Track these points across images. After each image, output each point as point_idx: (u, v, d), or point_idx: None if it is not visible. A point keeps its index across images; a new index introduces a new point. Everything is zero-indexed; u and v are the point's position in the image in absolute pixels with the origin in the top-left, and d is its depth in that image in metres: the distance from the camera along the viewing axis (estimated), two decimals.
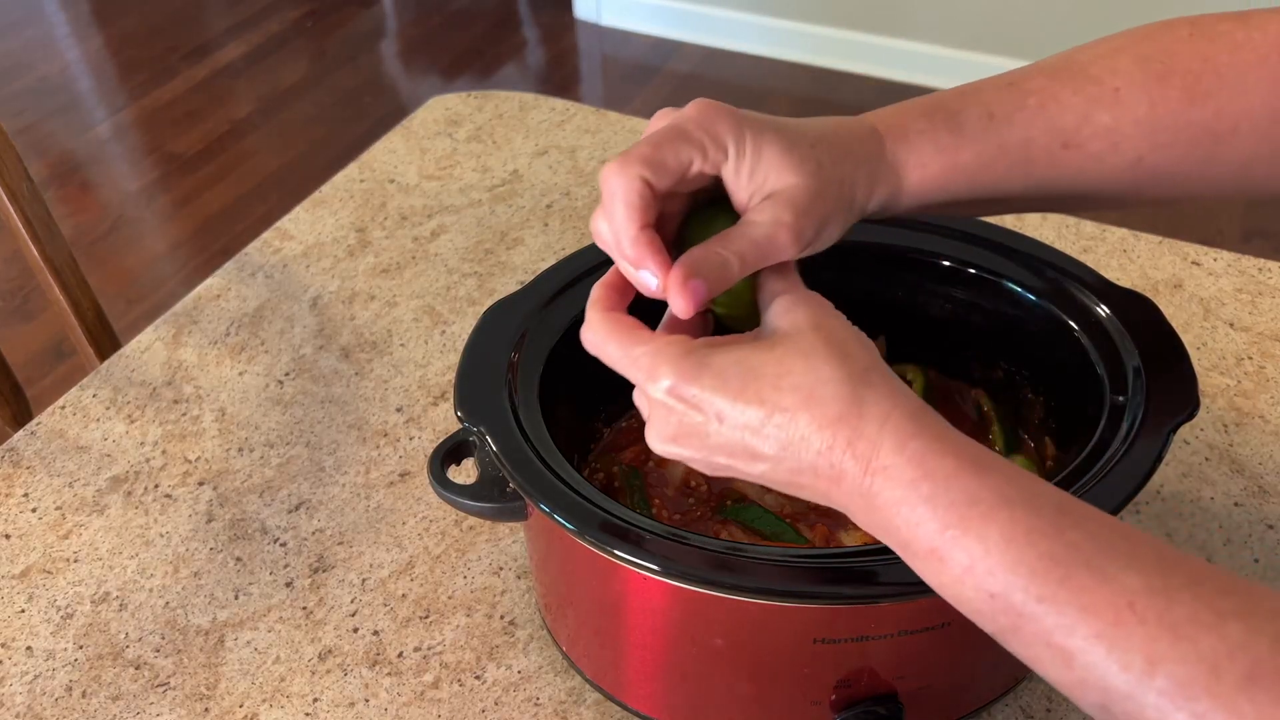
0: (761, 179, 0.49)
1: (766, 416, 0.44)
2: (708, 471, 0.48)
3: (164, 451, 0.82)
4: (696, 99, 0.50)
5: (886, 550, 0.53)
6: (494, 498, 0.58)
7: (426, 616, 0.70)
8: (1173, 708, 0.37)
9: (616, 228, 0.48)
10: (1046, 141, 0.53)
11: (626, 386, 0.74)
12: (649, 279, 0.48)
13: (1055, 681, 0.41)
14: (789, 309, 0.48)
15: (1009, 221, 0.98)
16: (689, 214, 0.52)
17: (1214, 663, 0.37)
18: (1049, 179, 0.54)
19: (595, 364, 0.70)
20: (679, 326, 0.51)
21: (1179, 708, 0.37)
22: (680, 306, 0.47)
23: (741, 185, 0.49)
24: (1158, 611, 0.38)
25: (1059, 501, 0.42)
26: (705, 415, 0.46)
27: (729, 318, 0.53)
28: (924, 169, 0.53)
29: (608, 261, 0.50)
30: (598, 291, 0.51)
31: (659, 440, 0.48)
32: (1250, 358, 0.86)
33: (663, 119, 0.50)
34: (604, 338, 0.49)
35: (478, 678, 0.67)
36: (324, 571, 0.73)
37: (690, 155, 0.48)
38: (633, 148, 0.48)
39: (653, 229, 0.48)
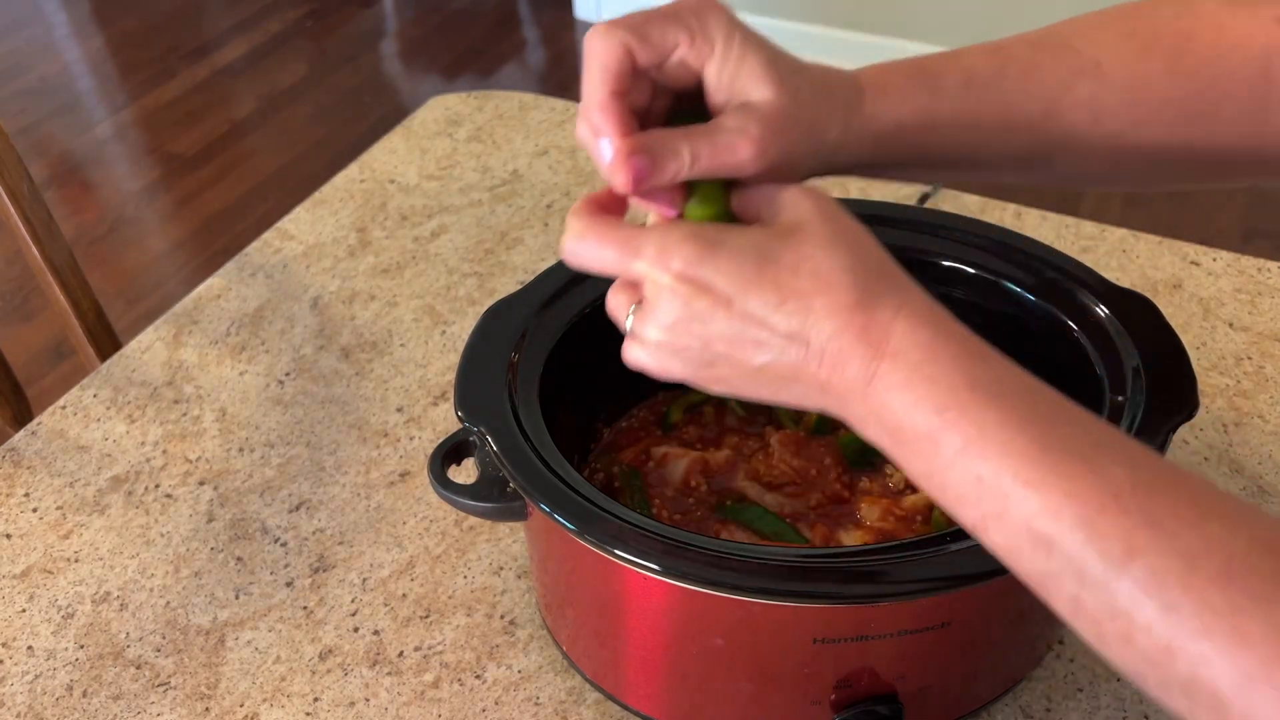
0: (740, 86, 0.48)
1: (780, 302, 0.44)
2: (693, 373, 0.47)
3: (164, 451, 0.82)
4: None
5: (886, 550, 0.53)
6: (494, 498, 0.58)
7: (427, 616, 0.70)
8: (1144, 596, 0.38)
9: (588, 92, 0.48)
10: (1027, 108, 0.53)
11: (627, 387, 0.74)
12: (605, 148, 0.47)
13: (1028, 574, 0.42)
14: (798, 201, 0.46)
15: (1009, 221, 0.98)
16: (667, 119, 0.51)
17: (1190, 556, 0.37)
18: (1028, 147, 0.54)
19: (595, 364, 0.70)
20: None
21: (1150, 596, 0.37)
22: (618, 180, 0.46)
23: (721, 86, 0.49)
24: (1140, 504, 0.39)
25: (1057, 399, 0.43)
26: (713, 299, 0.44)
27: None
28: (900, 123, 0.52)
29: None
30: (579, 205, 0.49)
31: (655, 327, 0.46)
32: (1250, 358, 0.86)
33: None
34: (597, 237, 0.47)
35: (478, 677, 0.67)
36: (324, 571, 0.73)
37: (677, 37, 0.48)
38: (622, 17, 0.48)
39: (624, 100, 0.47)
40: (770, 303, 0.44)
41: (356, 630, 0.70)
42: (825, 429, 0.71)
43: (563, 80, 2.96)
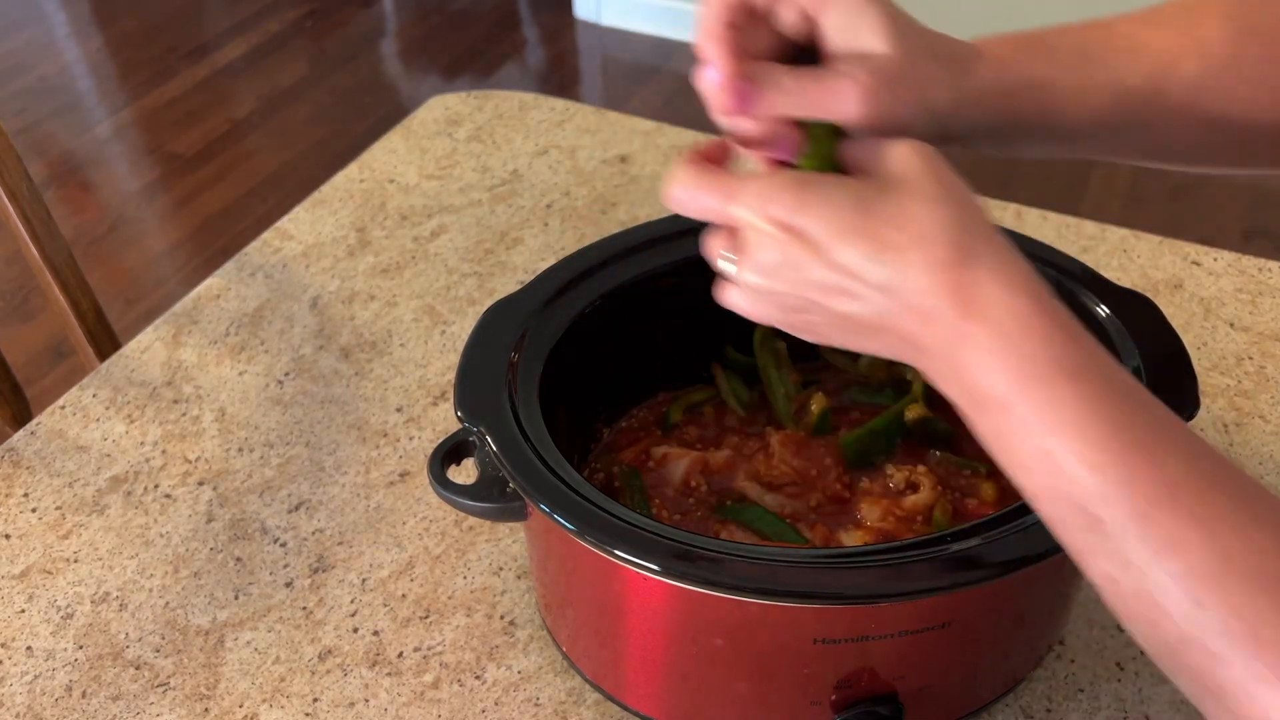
0: (855, 36, 0.49)
1: (875, 253, 0.44)
2: (783, 317, 0.48)
3: (164, 451, 0.82)
4: None
5: (886, 550, 0.53)
6: (494, 498, 0.58)
7: (426, 616, 0.70)
8: (1176, 589, 0.39)
9: (704, 19, 0.48)
10: (1134, 83, 0.53)
11: (627, 387, 0.74)
12: (711, 73, 0.48)
13: (1070, 544, 0.43)
14: (904, 155, 0.47)
15: (1009, 221, 0.98)
16: None
17: (1228, 558, 0.38)
18: (1130, 120, 0.54)
19: (595, 364, 0.70)
20: None
21: (1182, 590, 0.39)
22: (723, 103, 0.47)
23: (837, 37, 0.49)
24: (1191, 501, 0.40)
25: (1131, 384, 0.43)
26: (810, 246, 0.45)
27: None
28: (1013, 90, 0.52)
29: (608, 262, 0.49)
30: (687, 154, 0.50)
31: (752, 271, 0.47)
32: (1250, 358, 0.86)
33: None
34: (699, 184, 0.48)
35: (478, 678, 0.67)
36: (324, 571, 0.73)
37: None
38: None
39: (736, 33, 0.48)
40: (865, 253, 0.44)
41: (356, 631, 0.70)
42: (825, 429, 0.71)
43: (563, 80, 2.96)
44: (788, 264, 0.46)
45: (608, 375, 0.72)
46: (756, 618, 0.54)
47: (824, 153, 0.49)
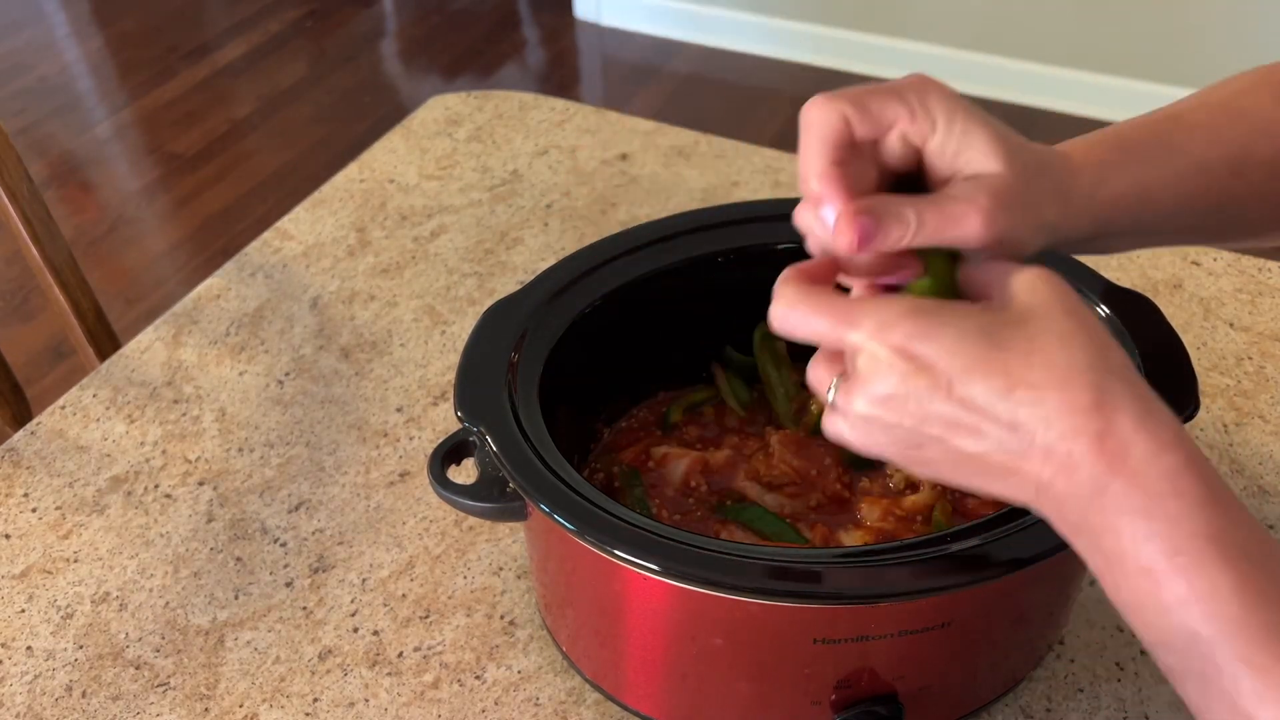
0: (965, 161, 0.47)
1: (1008, 389, 0.41)
2: (899, 452, 0.45)
3: (164, 451, 0.82)
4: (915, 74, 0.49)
5: (886, 550, 0.53)
6: (494, 498, 0.58)
7: (426, 616, 0.70)
8: None
9: (806, 161, 0.47)
10: (1218, 170, 0.53)
11: (627, 387, 0.74)
12: (828, 213, 0.46)
13: (1195, 709, 0.41)
14: (1035, 286, 0.44)
15: None
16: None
17: None
18: (1220, 206, 0.55)
19: (595, 364, 0.70)
20: None
21: None
22: (843, 241, 0.45)
23: (944, 163, 0.48)
24: None
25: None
26: (933, 379, 0.42)
27: None
28: (1116, 198, 0.51)
29: (608, 262, 0.49)
30: (790, 272, 0.48)
31: (866, 401, 0.44)
32: (1250, 358, 0.86)
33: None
34: (811, 305, 0.46)
35: (478, 678, 0.67)
36: (324, 571, 0.73)
37: (897, 112, 0.47)
38: (841, 90, 0.47)
39: (845, 170, 0.47)
40: (996, 389, 0.42)
41: (356, 630, 0.70)
42: None
43: (562, 80, 2.96)
44: (910, 396, 0.43)
45: (608, 375, 0.72)
46: (756, 618, 0.54)
47: (943, 278, 0.47)
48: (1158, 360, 0.61)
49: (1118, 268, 0.93)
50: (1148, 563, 0.40)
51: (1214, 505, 0.40)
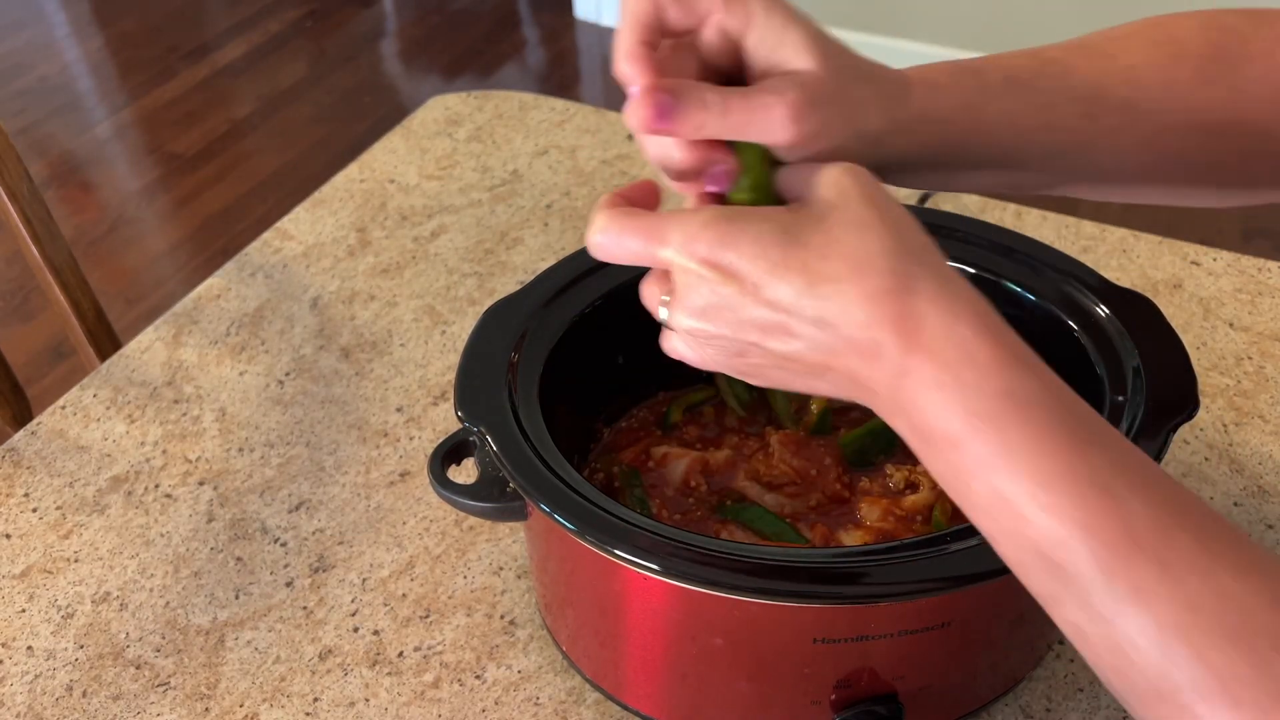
0: (781, 57, 0.47)
1: (809, 286, 0.42)
2: (727, 361, 0.46)
3: (164, 451, 0.82)
4: None
5: (886, 550, 0.53)
6: (494, 498, 0.58)
7: (427, 616, 0.70)
8: (1143, 640, 0.37)
9: (618, 43, 0.46)
10: (1066, 109, 0.53)
11: (627, 387, 0.74)
12: (632, 90, 0.45)
13: (1036, 591, 0.41)
14: (835, 179, 0.44)
15: (1009, 221, 0.98)
16: None
17: (1196, 607, 0.37)
18: (1067, 148, 0.54)
19: (595, 364, 0.70)
20: None
21: (1149, 641, 0.37)
22: (639, 116, 0.44)
23: (760, 56, 0.47)
24: (1155, 545, 0.38)
25: (1088, 415, 0.42)
26: (741, 285, 0.43)
27: None
28: (945, 118, 0.51)
29: (608, 262, 0.49)
30: (606, 198, 0.48)
31: (686, 315, 0.45)
32: (1250, 358, 0.86)
33: None
34: (620, 226, 0.46)
35: (478, 677, 0.67)
36: (324, 571, 0.73)
37: (713, 2, 0.46)
38: None
39: (652, 51, 0.46)
40: (798, 287, 0.42)
41: (356, 630, 0.70)
42: (825, 429, 0.71)
43: (563, 80, 2.96)
44: (723, 305, 0.44)
45: (608, 375, 0.72)
46: (756, 618, 0.54)
47: (757, 181, 0.47)
48: (1158, 360, 0.61)
49: (1118, 268, 0.93)
50: (950, 432, 0.41)
51: (1004, 364, 0.41)
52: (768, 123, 0.46)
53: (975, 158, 0.53)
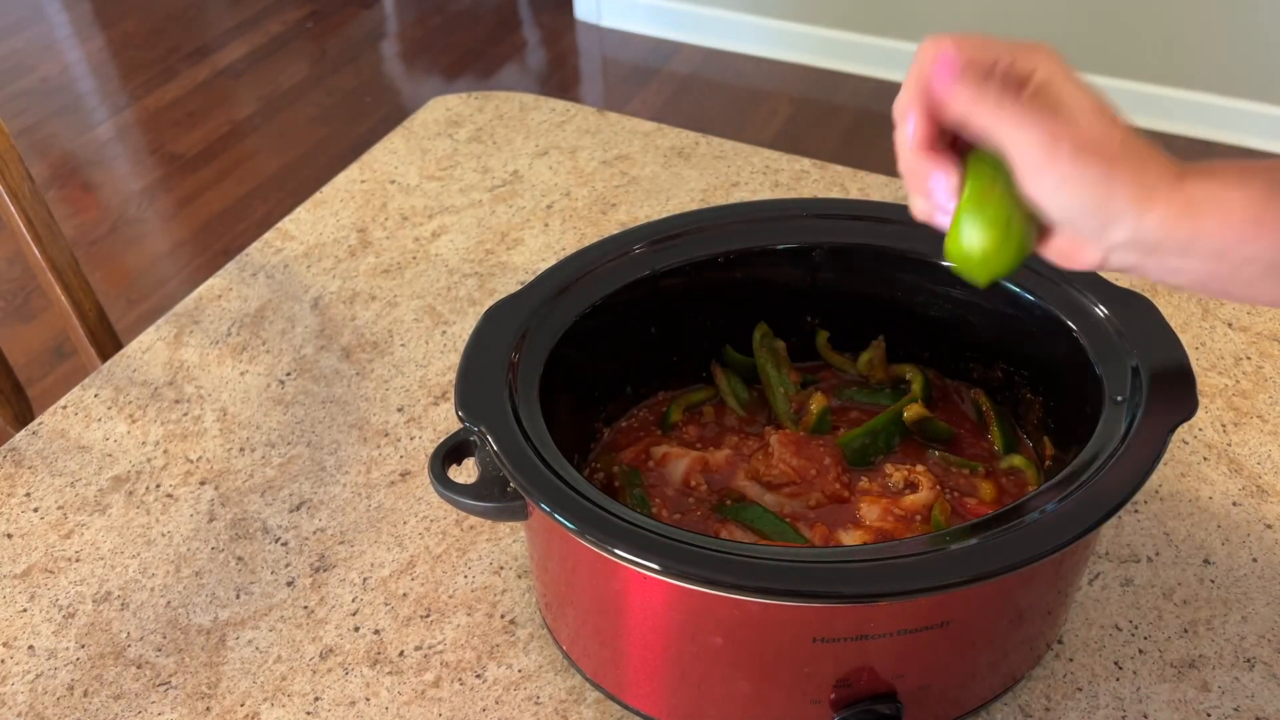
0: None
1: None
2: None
3: (165, 451, 0.82)
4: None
5: (886, 550, 0.54)
6: (494, 497, 0.59)
7: (427, 616, 0.70)
8: None
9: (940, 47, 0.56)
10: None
11: (627, 387, 0.75)
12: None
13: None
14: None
15: None
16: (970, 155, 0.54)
17: None
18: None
19: (595, 364, 0.70)
20: None
21: None
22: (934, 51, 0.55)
23: None
24: None
25: None
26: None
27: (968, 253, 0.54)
28: (1225, 208, 0.48)
29: (608, 261, 0.49)
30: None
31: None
32: (1249, 358, 0.86)
33: None
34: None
35: (478, 677, 0.67)
36: (325, 571, 0.74)
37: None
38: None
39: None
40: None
41: (357, 630, 0.70)
42: (825, 429, 0.71)
43: (563, 81, 2.96)
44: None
45: (608, 375, 0.73)
46: (756, 617, 0.54)
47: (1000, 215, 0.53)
48: (1157, 360, 0.61)
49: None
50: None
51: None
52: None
53: (1252, 251, 0.51)
